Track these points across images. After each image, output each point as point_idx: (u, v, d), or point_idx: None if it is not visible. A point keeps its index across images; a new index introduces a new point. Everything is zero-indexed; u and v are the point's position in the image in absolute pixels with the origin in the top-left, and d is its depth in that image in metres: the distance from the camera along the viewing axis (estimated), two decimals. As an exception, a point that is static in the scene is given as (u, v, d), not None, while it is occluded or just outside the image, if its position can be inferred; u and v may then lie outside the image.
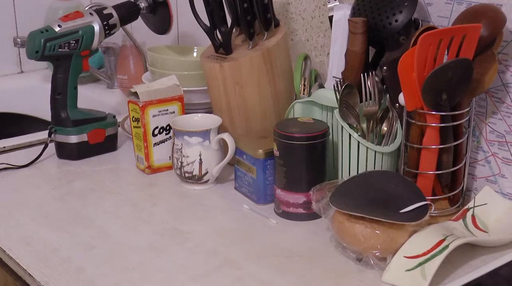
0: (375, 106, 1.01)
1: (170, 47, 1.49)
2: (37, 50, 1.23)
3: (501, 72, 1.00)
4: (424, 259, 0.86)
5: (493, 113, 1.03)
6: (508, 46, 0.99)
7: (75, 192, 1.16)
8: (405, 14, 1.02)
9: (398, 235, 0.89)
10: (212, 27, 1.22)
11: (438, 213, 1.00)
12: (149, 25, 1.47)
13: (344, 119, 1.01)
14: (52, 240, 0.99)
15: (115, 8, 1.32)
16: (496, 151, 1.03)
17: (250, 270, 0.90)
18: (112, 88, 1.80)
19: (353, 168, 1.02)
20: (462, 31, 0.92)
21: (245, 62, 1.16)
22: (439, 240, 0.88)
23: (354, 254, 0.91)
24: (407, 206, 0.90)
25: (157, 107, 1.20)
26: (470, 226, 0.97)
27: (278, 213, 1.06)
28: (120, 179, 1.23)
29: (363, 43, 1.04)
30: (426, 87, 0.92)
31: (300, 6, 1.34)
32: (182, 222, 1.05)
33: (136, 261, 0.93)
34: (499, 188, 1.04)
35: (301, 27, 1.34)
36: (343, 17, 1.11)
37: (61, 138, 1.28)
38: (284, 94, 1.21)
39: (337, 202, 0.93)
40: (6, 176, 1.23)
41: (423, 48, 0.90)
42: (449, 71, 0.92)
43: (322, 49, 1.31)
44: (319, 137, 1.03)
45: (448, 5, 1.04)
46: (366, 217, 0.89)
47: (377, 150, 1.00)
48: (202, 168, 1.14)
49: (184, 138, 1.14)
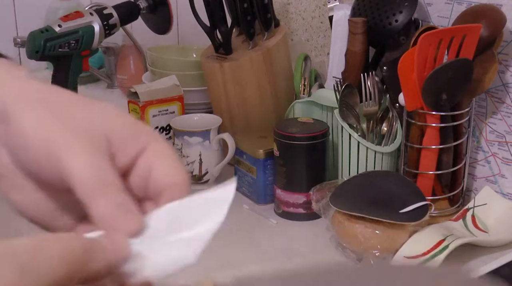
0: (375, 106, 1.01)
1: (170, 47, 1.49)
2: (37, 50, 1.23)
3: (501, 72, 1.00)
4: (424, 259, 0.86)
5: (493, 113, 1.03)
6: (508, 46, 0.99)
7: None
8: (405, 14, 1.02)
9: (398, 235, 0.89)
10: (212, 27, 1.22)
11: (438, 213, 1.00)
12: (149, 25, 1.47)
13: (344, 119, 1.01)
14: (52, 240, 0.99)
15: (115, 8, 1.32)
16: (496, 151, 1.03)
17: (250, 270, 0.90)
18: (112, 88, 1.80)
19: (353, 168, 1.02)
20: (462, 31, 0.92)
21: (245, 62, 1.16)
22: (439, 240, 0.88)
23: (354, 254, 0.91)
24: (407, 206, 0.90)
25: (157, 107, 1.20)
26: (470, 226, 0.97)
27: (278, 213, 1.06)
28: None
29: (363, 43, 1.04)
30: (426, 87, 0.92)
31: (300, 6, 1.34)
32: (182, 222, 1.05)
33: (136, 261, 0.93)
34: (499, 188, 1.04)
35: (301, 27, 1.34)
36: (343, 17, 1.11)
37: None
38: (284, 94, 1.21)
39: (337, 202, 0.93)
40: (6, 176, 1.23)
41: (423, 48, 0.90)
42: (449, 71, 0.92)
43: (322, 49, 1.31)
44: (319, 137, 1.03)
45: (448, 5, 1.04)
46: (366, 217, 0.89)
47: (377, 150, 1.00)
48: (202, 168, 1.14)
49: (184, 138, 1.14)
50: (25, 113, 0.39)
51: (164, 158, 0.41)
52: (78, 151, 0.38)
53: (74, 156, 0.38)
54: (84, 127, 0.39)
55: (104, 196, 0.37)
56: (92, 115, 0.40)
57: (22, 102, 0.40)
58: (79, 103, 0.41)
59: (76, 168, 0.37)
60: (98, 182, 0.38)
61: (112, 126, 0.40)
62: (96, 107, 0.41)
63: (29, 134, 0.39)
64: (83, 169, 0.37)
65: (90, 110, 0.41)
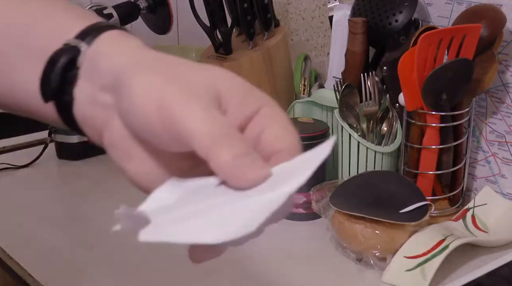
0: (375, 106, 1.01)
1: (170, 47, 1.49)
2: (37, 50, 1.23)
3: (501, 72, 1.00)
4: (424, 259, 0.86)
5: (493, 113, 1.03)
6: (508, 46, 0.98)
7: (75, 192, 1.16)
8: (405, 14, 1.02)
9: (398, 235, 0.89)
10: (212, 27, 1.22)
11: (438, 213, 1.00)
12: (149, 25, 1.47)
13: (344, 119, 1.01)
14: (52, 240, 0.99)
15: (115, 8, 1.32)
16: (496, 151, 1.03)
17: (250, 270, 0.90)
18: (112, 88, 1.80)
19: (353, 168, 1.02)
20: (462, 31, 0.91)
21: (245, 62, 1.16)
22: (439, 240, 0.88)
23: (354, 254, 0.91)
24: (407, 206, 0.90)
25: (157, 107, 1.20)
26: (470, 226, 0.97)
27: (278, 213, 1.06)
28: (120, 179, 1.21)
29: (363, 43, 1.04)
30: (426, 87, 0.92)
31: (300, 6, 1.34)
32: (182, 222, 1.05)
33: (136, 261, 0.93)
34: (499, 188, 1.04)
35: (301, 27, 1.34)
36: (343, 17, 1.11)
37: (61, 138, 1.28)
38: (284, 94, 1.21)
39: (337, 202, 0.93)
40: (6, 176, 1.23)
41: (423, 48, 0.90)
42: (449, 71, 0.92)
43: (322, 49, 1.31)
44: (319, 137, 1.03)
45: (448, 5, 1.04)
46: (366, 217, 0.89)
47: (377, 150, 1.00)
48: (202, 168, 1.14)
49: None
50: (136, 78, 0.39)
51: (276, 122, 0.41)
52: (194, 105, 0.38)
53: (190, 110, 0.38)
54: (197, 86, 0.39)
55: (226, 145, 0.37)
56: (205, 77, 0.40)
57: (136, 69, 0.40)
58: (191, 66, 0.41)
59: (193, 121, 0.37)
60: (218, 132, 0.37)
61: (226, 88, 0.40)
62: (209, 69, 0.41)
63: (139, 96, 0.39)
64: (201, 121, 0.37)
65: (204, 72, 0.41)
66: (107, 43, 0.43)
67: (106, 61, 0.42)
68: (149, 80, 0.39)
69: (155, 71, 0.40)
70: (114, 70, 0.41)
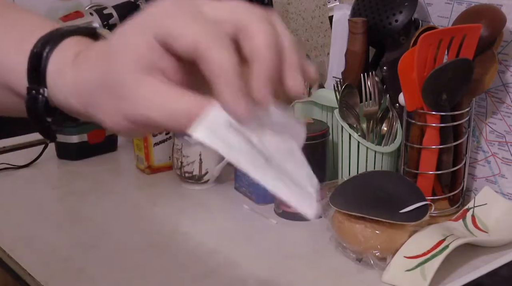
0: (375, 106, 1.02)
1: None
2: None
3: (501, 72, 1.00)
4: (424, 259, 0.86)
5: (493, 113, 1.03)
6: (508, 46, 0.99)
7: (75, 192, 1.16)
8: (405, 14, 1.02)
9: (398, 235, 0.89)
10: (212, 27, 1.21)
11: (438, 213, 1.00)
12: (149, 25, 1.47)
13: (344, 119, 1.01)
14: (52, 240, 0.99)
15: (115, 8, 1.32)
16: (496, 151, 1.03)
17: (250, 270, 0.90)
18: (112, 88, 1.80)
19: (353, 168, 1.02)
20: (462, 31, 0.91)
21: (245, 62, 1.16)
22: (439, 240, 0.88)
23: (354, 254, 0.91)
24: (407, 206, 0.90)
25: (157, 107, 1.20)
26: (470, 226, 0.97)
27: (278, 213, 1.06)
28: (120, 179, 1.23)
29: (363, 43, 1.04)
30: (426, 87, 0.92)
31: (300, 6, 1.34)
32: (182, 222, 1.05)
33: (136, 261, 0.93)
34: (499, 188, 1.04)
35: (301, 27, 1.35)
36: (343, 17, 1.11)
37: (61, 138, 1.28)
38: (284, 94, 1.21)
39: (337, 202, 0.93)
40: (6, 176, 1.23)
41: (423, 48, 0.90)
42: (449, 71, 0.92)
43: (322, 49, 1.31)
44: (319, 137, 1.03)
45: (448, 5, 1.04)
46: (366, 217, 0.89)
47: (377, 150, 1.00)
48: (202, 168, 1.14)
49: (184, 138, 1.14)
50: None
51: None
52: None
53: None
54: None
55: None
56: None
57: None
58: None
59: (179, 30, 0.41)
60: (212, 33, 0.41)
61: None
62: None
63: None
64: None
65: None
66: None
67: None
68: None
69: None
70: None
